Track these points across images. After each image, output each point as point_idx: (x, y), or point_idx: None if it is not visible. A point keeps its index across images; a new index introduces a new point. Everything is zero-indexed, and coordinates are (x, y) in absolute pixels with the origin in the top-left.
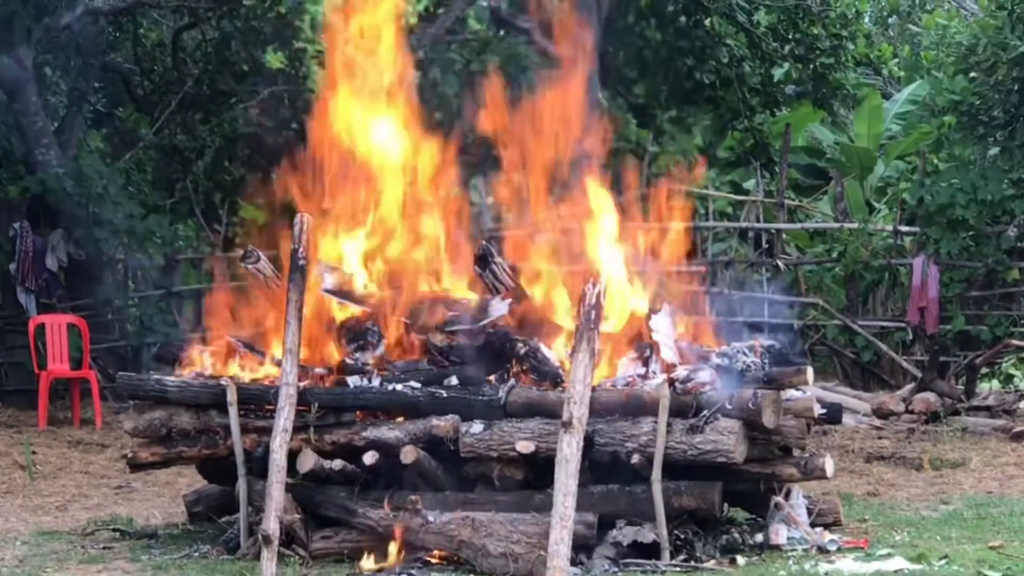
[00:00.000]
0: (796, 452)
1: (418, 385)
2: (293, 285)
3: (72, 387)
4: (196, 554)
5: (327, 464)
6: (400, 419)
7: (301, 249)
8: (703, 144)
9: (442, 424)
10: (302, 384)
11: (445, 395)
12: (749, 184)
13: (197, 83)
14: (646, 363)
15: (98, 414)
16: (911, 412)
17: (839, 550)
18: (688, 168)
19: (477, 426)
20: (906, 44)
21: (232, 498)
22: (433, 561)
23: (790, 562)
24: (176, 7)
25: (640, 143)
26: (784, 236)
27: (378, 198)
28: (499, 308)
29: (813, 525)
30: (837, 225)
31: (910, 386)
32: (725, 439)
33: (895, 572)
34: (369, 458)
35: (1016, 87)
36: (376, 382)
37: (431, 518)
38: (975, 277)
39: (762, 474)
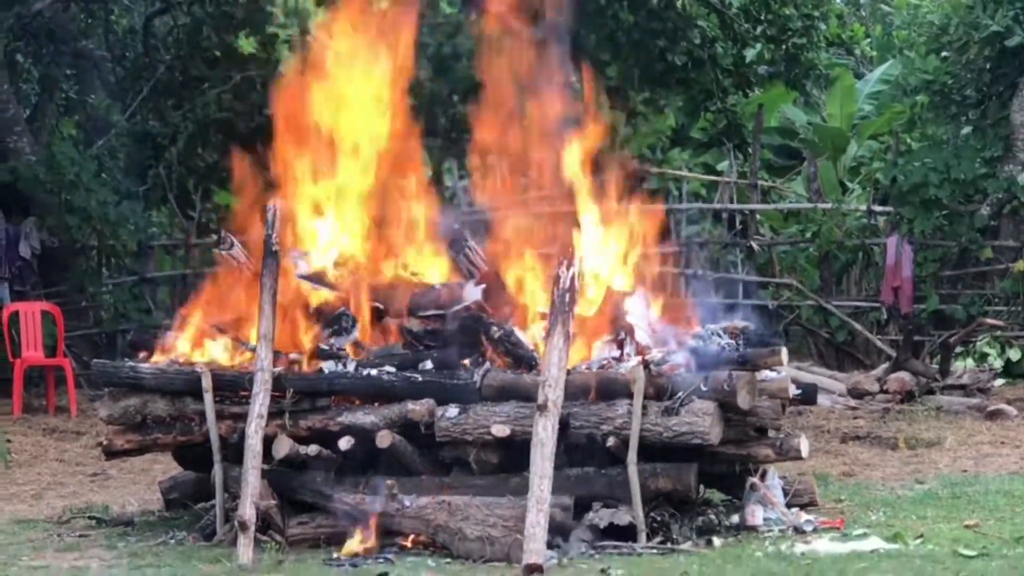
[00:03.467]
0: (771, 433)
1: (393, 370)
2: (267, 271)
3: (47, 375)
4: (172, 541)
5: (303, 450)
6: (375, 404)
7: (274, 235)
8: (676, 125)
9: (417, 408)
10: (277, 370)
11: (420, 379)
12: (722, 165)
13: (169, 69)
14: (621, 346)
15: (73, 402)
16: (886, 392)
17: (815, 530)
18: (661, 150)
19: (452, 410)
20: (878, 24)
21: (208, 485)
22: (409, 546)
23: (766, 543)
24: None
25: (613, 126)
26: (758, 217)
27: (349, 182)
28: (473, 292)
29: (789, 506)
30: (811, 205)
31: (885, 366)
32: (700, 421)
33: (871, 552)
34: (344, 443)
35: (988, 66)
36: (351, 367)
37: (407, 503)
38: (949, 256)
39: (738, 455)
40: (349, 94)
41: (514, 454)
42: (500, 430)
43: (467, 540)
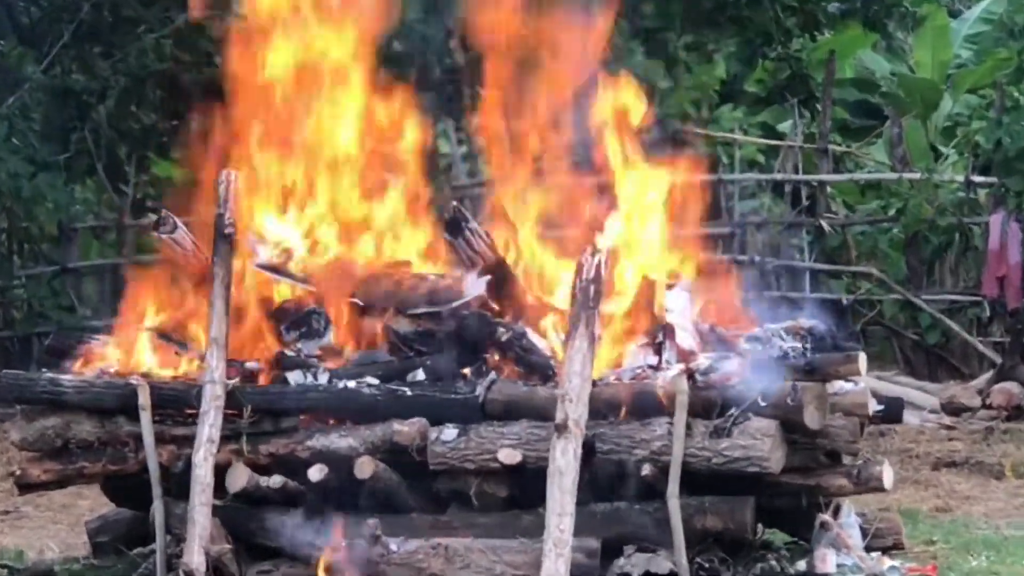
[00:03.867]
0: (846, 459)
1: (376, 382)
2: (218, 259)
3: None
4: None
5: (263, 481)
6: (354, 424)
7: (228, 214)
8: (727, 77)
9: (406, 430)
10: (231, 382)
11: (409, 394)
12: (785, 126)
13: (96, 8)
14: (659, 351)
15: None
16: (989, 407)
17: None
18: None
19: (450, 431)
20: None
21: (146, 525)
22: None
23: None
24: None
25: (649, 77)
26: (829, 190)
27: (321, 149)
28: (475, 285)
29: (868, 549)
30: (895, 176)
31: (987, 375)
32: (758, 444)
33: None
34: (316, 473)
35: None
36: (323, 379)
37: (394, 547)
38: None
39: (804, 486)
40: (320, 40)
41: (526, 486)
42: (509, 456)
43: None
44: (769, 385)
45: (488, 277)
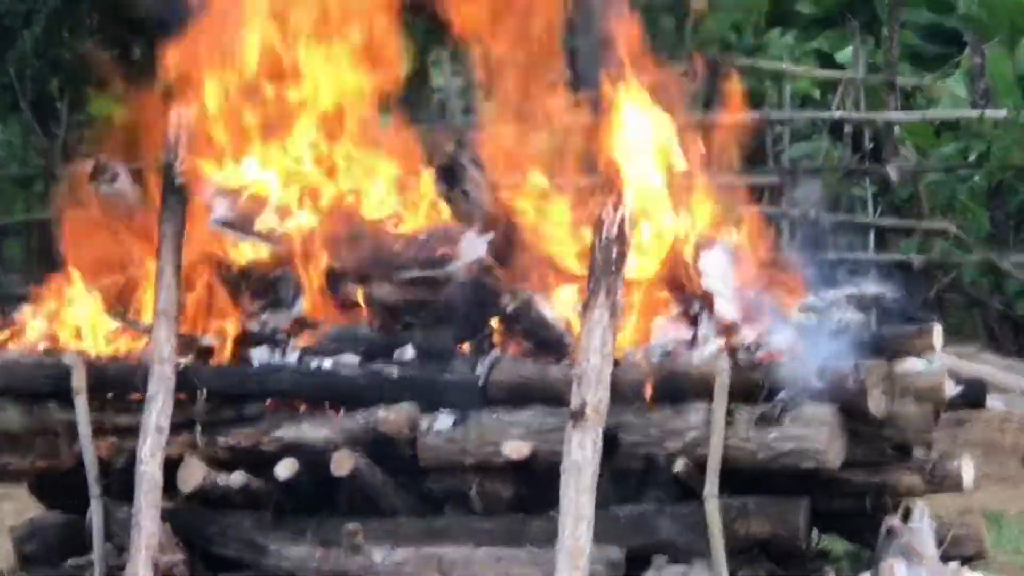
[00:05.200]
0: (918, 452)
1: (356, 360)
2: (168, 215)
3: None
4: None
5: (223, 479)
6: (330, 411)
7: (180, 161)
8: None
9: (392, 418)
10: (182, 361)
11: (396, 374)
12: (844, 55)
13: None
14: (694, 323)
15: None
16: None
17: None
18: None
19: (444, 420)
20: None
21: (82, 531)
22: None
23: None
24: None
25: None
26: (897, 131)
27: (292, 82)
28: (475, 245)
29: (945, 559)
30: (975, 113)
31: None
32: (812, 434)
33: None
34: (284, 469)
35: None
36: (293, 357)
37: (378, 557)
38: None
39: (868, 485)
40: None
41: (536, 485)
42: (515, 449)
43: None
44: (826, 364)
45: (491, 235)
